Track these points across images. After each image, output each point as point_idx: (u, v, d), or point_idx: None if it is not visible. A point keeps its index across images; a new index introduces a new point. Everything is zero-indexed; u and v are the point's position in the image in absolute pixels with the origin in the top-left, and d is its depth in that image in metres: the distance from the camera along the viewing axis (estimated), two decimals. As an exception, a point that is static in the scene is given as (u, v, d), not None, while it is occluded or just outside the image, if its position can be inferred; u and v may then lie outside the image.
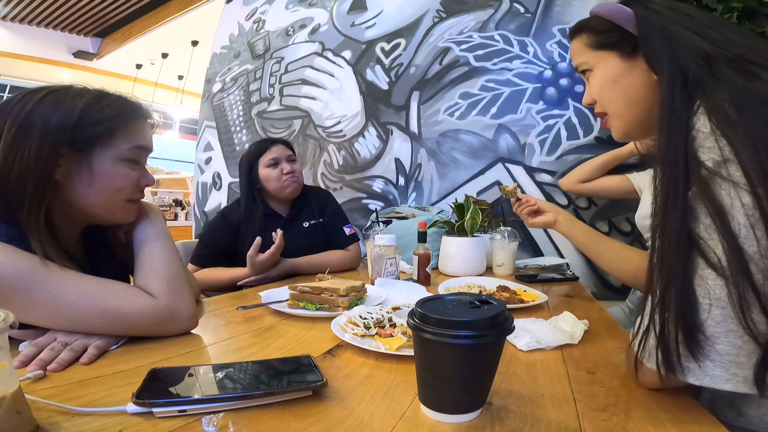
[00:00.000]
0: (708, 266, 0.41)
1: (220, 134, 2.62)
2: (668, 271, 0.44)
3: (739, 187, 0.41)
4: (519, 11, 1.84)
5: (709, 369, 0.41)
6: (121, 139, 0.67)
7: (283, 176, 1.38)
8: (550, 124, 1.76)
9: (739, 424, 0.51)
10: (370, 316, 0.68)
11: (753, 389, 0.40)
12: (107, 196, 0.67)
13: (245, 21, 2.61)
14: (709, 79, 0.47)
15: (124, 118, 0.67)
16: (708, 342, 0.41)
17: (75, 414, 0.41)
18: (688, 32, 0.52)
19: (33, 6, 5.29)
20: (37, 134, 0.60)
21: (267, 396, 0.44)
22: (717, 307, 0.41)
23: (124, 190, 0.68)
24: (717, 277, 0.41)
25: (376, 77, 2.08)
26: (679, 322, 0.42)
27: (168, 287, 0.66)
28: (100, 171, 0.65)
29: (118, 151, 0.66)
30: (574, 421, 0.43)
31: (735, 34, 0.52)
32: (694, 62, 0.49)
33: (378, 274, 1.09)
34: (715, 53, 0.49)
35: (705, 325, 0.41)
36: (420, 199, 1.96)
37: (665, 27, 0.54)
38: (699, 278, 0.42)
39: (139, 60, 6.74)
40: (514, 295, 0.95)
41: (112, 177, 0.66)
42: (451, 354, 0.40)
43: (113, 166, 0.66)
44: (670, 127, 0.47)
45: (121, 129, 0.67)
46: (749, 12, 1.35)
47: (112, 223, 0.72)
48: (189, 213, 3.96)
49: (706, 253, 0.42)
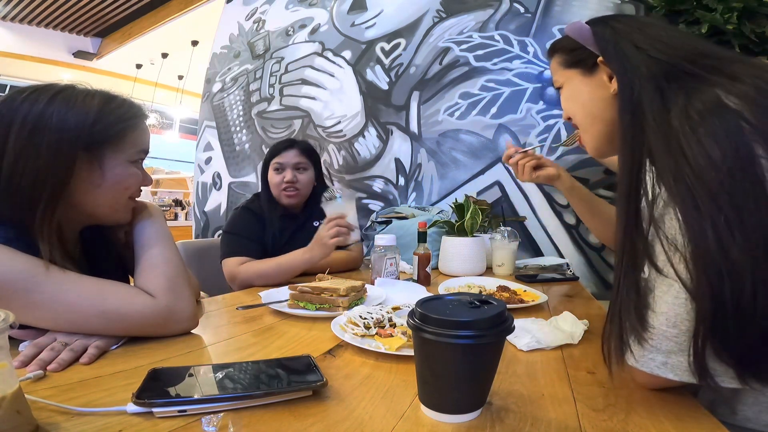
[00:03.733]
0: (651, 265, 0.46)
1: (220, 134, 2.62)
2: (624, 265, 0.49)
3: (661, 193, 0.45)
4: (519, 11, 1.84)
5: (648, 353, 0.45)
6: (130, 141, 0.68)
7: (281, 185, 1.36)
8: (550, 124, 1.76)
9: (735, 422, 0.51)
10: (370, 316, 0.68)
11: (693, 378, 0.43)
12: (116, 196, 0.67)
13: (245, 21, 2.61)
14: (655, 92, 0.50)
15: (134, 121, 0.68)
16: (651, 329, 0.45)
17: (75, 414, 0.41)
18: (637, 48, 0.54)
19: (33, 6, 5.29)
20: (54, 135, 0.59)
21: (267, 396, 0.44)
22: (662, 306, 0.45)
23: (130, 190, 0.69)
24: (658, 275, 0.45)
25: (376, 77, 2.08)
26: (630, 310, 0.47)
27: (168, 287, 0.65)
28: (111, 172, 0.65)
29: (127, 154, 0.67)
30: (574, 421, 0.43)
31: (689, 42, 0.54)
32: (642, 77, 0.52)
33: (378, 274, 1.09)
34: (663, 67, 0.51)
35: (650, 313, 0.45)
36: (420, 199, 1.96)
37: (618, 43, 0.56)
38: (646, 275, 0.47)
39: (139, 60, 6.74)
40: (514, 295, 0.95)
41: (123, 178, 0.67)
42: (451, 354, 0.40)
43: (124, 168, 0.67)
44: (624, 137, 0.51)
45: (130, 131, 0.67)
46: (749, 12, 1.35)
47: (114, 223, 0.72)
48: (189, 213, 3.97)
49: (651, 256, 0.46)
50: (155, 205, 0.80)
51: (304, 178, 1.38)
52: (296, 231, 1.38)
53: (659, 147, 0.47)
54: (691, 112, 0.45)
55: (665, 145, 0.46)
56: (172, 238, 0.74)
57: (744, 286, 0.39)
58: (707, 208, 0.41)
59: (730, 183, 0.41)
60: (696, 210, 0.42)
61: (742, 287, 0.39)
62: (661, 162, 0.46)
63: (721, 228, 0.40)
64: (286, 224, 1.37)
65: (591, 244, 1.70)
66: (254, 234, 1.31)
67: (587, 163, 1.71)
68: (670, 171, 0.45)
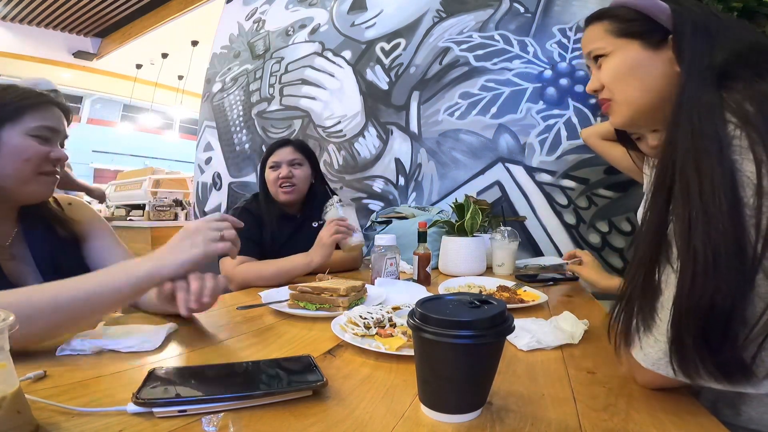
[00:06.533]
0: (667, 262, 0.45)
1: (220, 134, 2.62)
2: (640, 256, 0.49)
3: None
4: (519, 11, 1.84)
5: (647, 346, 0.46)
6: (30, 118, 0.74)
7: (278, 181, 1.36)
8: (550, 123, 1.76)
9: (738, 423, 0.51)
10: (370, 316, 0.68)
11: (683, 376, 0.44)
12: (18, 167, 0.73)
13: (245, 21, 2.61)
14: (734, 77, 0.49)
15: (32, 101, 0.75)
16: (656, 322, 0.45)
17: (75, 414, 0.41)
18: (717, 31, 0.54)
19: (33, 6, 5.29)
20: None
21: (267, 396, 0.44)
22: (667, 302, 0.44)
23: (32, 161, 0.74)
24: (672, 272, 0.44)
25: (376, 77, 2.08)
26: (641, 301, 0.47)
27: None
28: (8, 144, 0.72)
29: (25, 128, 0.74)
30: (574, 421, 0.43)
31: (756, 37, 0.55)
32: (722, 59, 0.51)
33: (378, 274, 1.09)
34: (741, 53, 0.51)
35: (657, 307, 0.46)
36: (420, 199, 1.96)
37: (697, 24, 0.56)
38: (662, 268, 0.46)
39: (139, 60, 6.75)
40: (514, 295, 0.95)
41: (21, 149, 0.73)
42: (451, 354, 0.40)
43: (22, 140, 0.73)
44: (679, 121, 0.50)
45: (30, 110, 0.74)
46: (749, 12, 1.35)
47: (32, 197, 0.77)
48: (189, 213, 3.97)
49: (668, 250, 0.46)
50: (99, 218, 0.91)
51: (300, 174, 1.38)
52: (295, 232, 1.38)
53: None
54: (746, 107, 0.45)
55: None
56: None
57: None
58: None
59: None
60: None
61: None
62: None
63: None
64: (285, 225, 1.37)
65: (591, 244, 1.70)
66: (252, 234, 1.30)
67: (587, 163, 1.71)
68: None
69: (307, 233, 1.35)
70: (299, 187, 1.39)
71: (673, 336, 0.43)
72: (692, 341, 0.42)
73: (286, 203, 1.39)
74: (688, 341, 0.42)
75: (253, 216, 1.35)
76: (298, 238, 1.32)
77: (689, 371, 0.43)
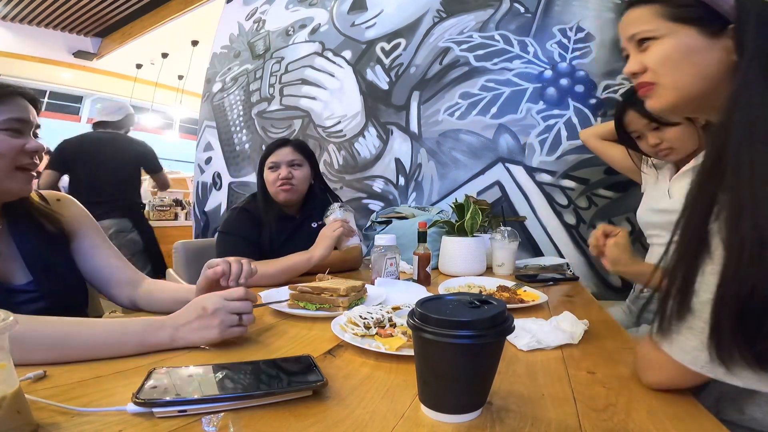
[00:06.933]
0: (709, 259, 0.45)
1: (220, 134, 2.62)
2: (679, 254, 0.48)
3: None
4: (519, 11, 1.84)
5: (680, 341, 0.46)
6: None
7: (277, 182, 1.35)
8: (550, 124, 1.76)
9: (741, 423, 0.51)
10: (370, 316, 0.68)
11: (717, 374, 0.44)
12: None
13: (245, 21, 2.60)
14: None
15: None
16: (695, 315, 0.45)
17: (75, 414, 0.41)
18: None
19: (33, 6, 5.28)
20: None
21: (267, 396, 0.44)
22: (705, 292, 0.44)
23: (7, 156, 0.72)
24: (712, 266, 0.44)
25: (376, 77, 2.08)
26: (680, 296, 0.46)
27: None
28: None
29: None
30: (574, 421, 0.43)
31: None
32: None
33: (378, 274, 1.09)
34: None
35: (695, 302, 0.45)
36: (420, 199, 1.96)
37: (760, 16, 0.56)
38: (703, 266, 0.45)
39: (139, 60, 6.74)
40: (514, 295, 0.95)
41: None
42: (451, 354, 0.40)
43: None
44: (735, 109, 0.50)
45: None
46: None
47: (11, 193, 0.75)
48: (189, 213, 3.97)
49: (709, 244, 0.45)
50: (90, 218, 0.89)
51: (299, 174, 1.37)
52: (294, 232, 1.38)
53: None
54: None
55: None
56: None
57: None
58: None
59: None
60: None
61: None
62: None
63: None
64: (284, 225, 1.36)
65: (591, 244, 1.70)
66: (250, 235, 1.30)
67: (587, 163, 1.71)
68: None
69: (305, 233, 1.35)
70: (298, 188, 1.39)
71: (713, 324, 0.43)
72: (730, 328, 0.42)
73: (285, 203, 1.39)
74: (727, 328, 0.42)
75: (251, 216, 1.34)
76: (296, 239, 1.32)
77: (724, 358, 0.43)
